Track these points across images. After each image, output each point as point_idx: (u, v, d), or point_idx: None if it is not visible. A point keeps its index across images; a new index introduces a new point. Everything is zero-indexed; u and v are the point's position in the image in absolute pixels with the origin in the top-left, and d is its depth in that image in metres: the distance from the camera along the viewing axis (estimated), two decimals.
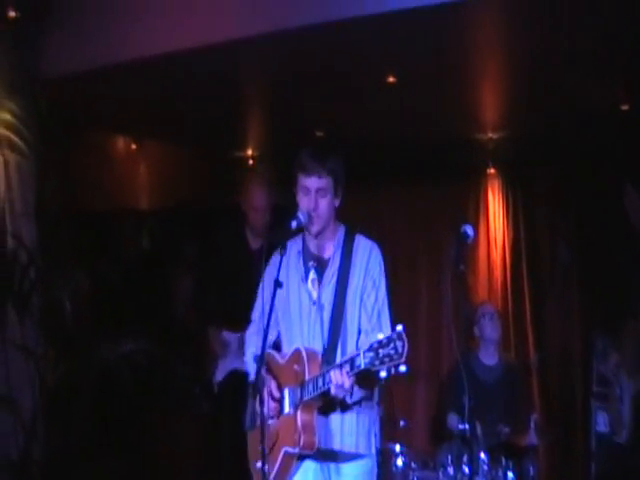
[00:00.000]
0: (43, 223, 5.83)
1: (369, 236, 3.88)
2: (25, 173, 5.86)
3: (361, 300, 3.72)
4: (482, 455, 5.25)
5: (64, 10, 5.81)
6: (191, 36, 5.45)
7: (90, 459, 5.56)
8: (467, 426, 4.66)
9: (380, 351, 3.22)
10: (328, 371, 3.45)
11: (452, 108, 6.73)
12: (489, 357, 6.19)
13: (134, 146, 8.12)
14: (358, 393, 3.55)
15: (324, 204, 3.70)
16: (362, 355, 3.28)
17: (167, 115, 7.12)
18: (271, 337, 3.91)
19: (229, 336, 5.79)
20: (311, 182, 3.69)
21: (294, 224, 3.68)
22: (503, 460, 5.25)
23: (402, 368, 3.21)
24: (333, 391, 3.44)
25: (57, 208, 6.10)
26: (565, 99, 6.36)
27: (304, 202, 3.72)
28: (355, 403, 3.60)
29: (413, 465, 5.50)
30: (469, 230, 4.11)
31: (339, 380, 3.38)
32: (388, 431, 5.73)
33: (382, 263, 3.80)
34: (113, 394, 5.88)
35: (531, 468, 5.34)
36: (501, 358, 6.24)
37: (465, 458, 5.25)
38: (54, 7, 5.82)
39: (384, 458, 5.55)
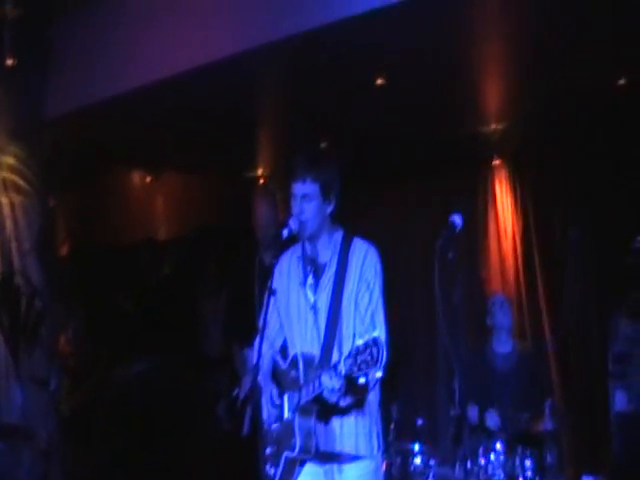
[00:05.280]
0: (50, 259, 6.02)
1: (376, 236, 3.93)
2: (30, 213, 6.08)
3: (355, 303, 3.74)
4: (498, 445, 5.29)
5: (61, 51, 5.97)
6: (189, 58, 5.54)
7: None
8: (459, 411, 4.67)
9: (358, 357, 3.23)
10: (319, 376, 3.50)
11: (453, 102, 6.77)
12: (503, 345, 6.20)
13: (149, 179, 8.28)
14: (351, 397, 3.54)
15: (310, 209, 3.73)
16: (342, 362, 3.31)
17: (176, 142, 7.23)
18: (278, 343, 3.98)
19: (250, 353, 5.87)
20: (297, 188, 3.74)
21: (285, 233, 3.74)
22: (520, 449, 5.26)
23: (378, 374, 3.24)
24: (326, 395, 3.47)
25: (68, 243, 6.32)
26: (563, 79, 6.34)
27: (293, 208, 3.78)
28: (349, 407, 3.60)
29: (431, 462, 5.50)
30: (457, 219, 4.12)
31: (329, 384, 3.44)
32: (407, 431, 5.78)
33: (378, 265, 3.81)
34: (129, 416, 5.99)
35: (549, 455, 5.33)
36: (515, 346, 6.25)
37: (481, 450, 5.31)
38: (51, 50, 5.99)
39: (403, 457, 5.61)
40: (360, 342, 3.27)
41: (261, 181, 8.54)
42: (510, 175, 7.71)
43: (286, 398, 3.73)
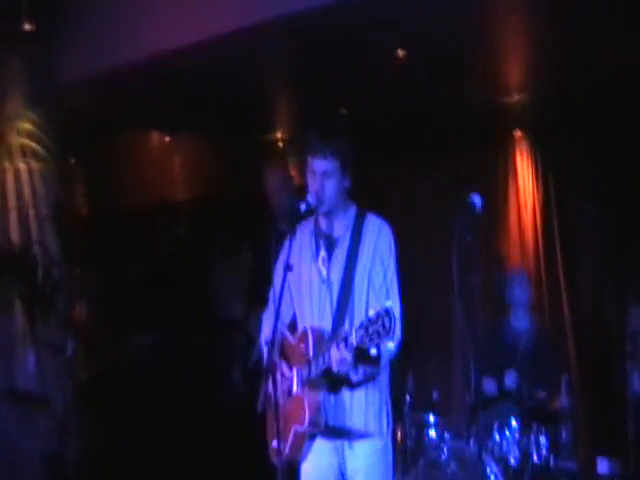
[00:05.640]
0: (67, 226, 6.00)
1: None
2: (48, 179, 6.07)
3: (369, 278, 3.71)
4: (513, 422, 5.26)
5: (78, 16, 5.91)
6: (206, 26, 5.47)
7: (125, 451, 5.70)
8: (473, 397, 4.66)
9: (369, 328, 3.22)
10: (328, 349, 3.49)
11: (474, 73, 6.68)
12: (520, 320, 6.16)
13: (167, 139, 8.20)
14: (363, 372, 3.54)
15: (330, 186, 3.70)
16: (354, 333, 3.31)
17: (194, 105, 7.16)
18: (288, 318, 3.97)
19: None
20: (317, 164, 3.70)
21: (303, 207, 3.71)
22: (535, 426, 5.23)
23: (390, 345, 3.23)
24: (335, 368, 3.47)
25: (84, 210, 6.30)
26: (590, 54, 6.24)
27: (311, 184, 3.74)
28: (360, 382, 3.59)
29: (446, 435, 5.49)
30: (476, 199, 4.02)
31: (338, 356, 3.42)
32: (422, 402, 5.77)
33: (392, 241, 3.79)
34: (144, 384, 6.01)
35: (564, 433, 5.30)
36: (532, 321, 6.22)
37: (496, 426, 5.28)
38: (67, 15, 5.93)
39: (418, 429, 5.59)
40: (372, 312, 3.26)
41: (279, 144, 8.49)
42: (531, 147, 7.61)
43: (295, 372, 3.73)
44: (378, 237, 3.78)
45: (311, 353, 3.63)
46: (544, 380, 5.76)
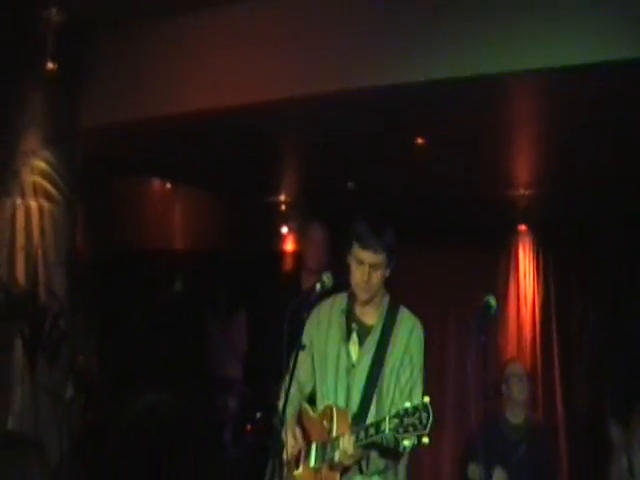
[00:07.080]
0: (74, 271, 5.88)
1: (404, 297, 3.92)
2: (59, 222, 5.89)
3: (397, 373, 3.71)
4: None
5: (102, 64, 5.92)
6: (226, 95, 5.54)
7: None
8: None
9: (405, 419, 3.18)
10: (343, 435, 3.48)
11: (483, 167, 6.82)
12: (516, 416, 6.14)
13: (177, 190, 8.16)
14: (378, 463, 3.53)
15: (376, 277, 3.70)
16: (387, 420, 3.25)
17: (202, 162, 7.25)
18: (307, 389, 3.94)
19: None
20: (366, 256, 3.67)
21: (318, 288, 3.69)
22: None
23: (425, 440, 3.16)
24: (336, 457, 3.47)
25: (90, 255, 6.20)
26: (596, 160, 6.42)
27: (357, 273, 3.72)
28: (373, 473, 3.57)
29: None
30: (492, 301, 4.07)
31: (346, 448, 3.41)
32: None
33: (422, 340, 3.78)
34: (139, 442, 5.91)
35: None
36: (528, 418, 6.19)
37: None
38: (92, 61, 5.94)
39: None
40: (409, 404, 3.23)
41: (282, 207, 8.60)
42: (534, 243, 7.72)
43: (314, 447, 3.71)
44: (411, 334, 3.76)
45: (334, 432, 3.60)
46: (537, 477, 5.73)
